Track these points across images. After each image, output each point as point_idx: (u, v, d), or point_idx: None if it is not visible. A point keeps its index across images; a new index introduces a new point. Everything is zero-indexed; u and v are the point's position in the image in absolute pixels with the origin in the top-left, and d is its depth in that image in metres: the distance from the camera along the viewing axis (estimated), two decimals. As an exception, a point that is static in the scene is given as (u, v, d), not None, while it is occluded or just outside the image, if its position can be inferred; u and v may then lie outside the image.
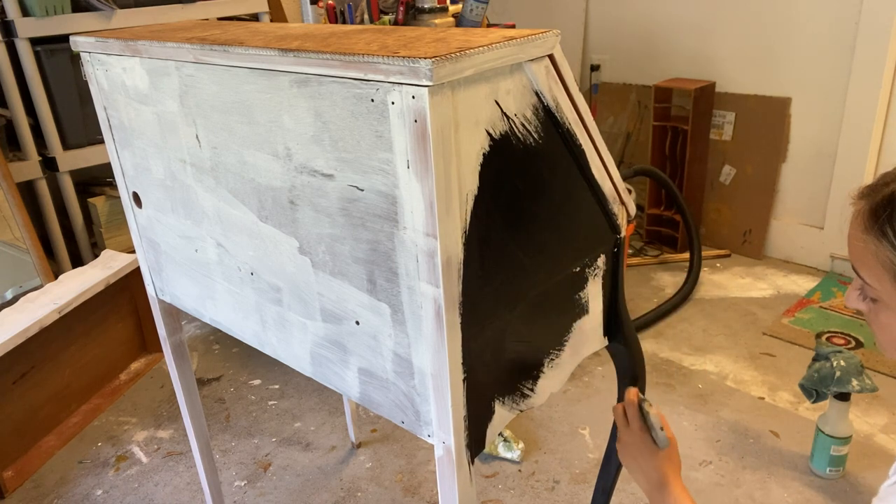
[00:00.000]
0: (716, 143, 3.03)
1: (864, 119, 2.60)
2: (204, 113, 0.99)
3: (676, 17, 3.05)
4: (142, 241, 1.31)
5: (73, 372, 2.15)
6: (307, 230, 0.91)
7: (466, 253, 0.77)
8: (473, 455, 0.87)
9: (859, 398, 2.06)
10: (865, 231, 0.73)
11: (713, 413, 2.03)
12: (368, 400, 0.95)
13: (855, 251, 0.75)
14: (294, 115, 0.84)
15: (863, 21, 2.52)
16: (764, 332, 2.45)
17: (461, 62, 0.68)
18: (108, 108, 1.21)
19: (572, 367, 1.04)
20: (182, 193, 1.12)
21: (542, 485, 1.81)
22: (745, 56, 2.88)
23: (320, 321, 0.96)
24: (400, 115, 0.71)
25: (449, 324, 0.77)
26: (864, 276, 0.75)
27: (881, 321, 0.77)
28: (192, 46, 0.93)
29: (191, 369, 1.47)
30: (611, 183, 0.97)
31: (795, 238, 2.93)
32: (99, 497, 1.86)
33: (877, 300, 0.76)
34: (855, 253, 0.76)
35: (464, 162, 0.74)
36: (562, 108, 0.84)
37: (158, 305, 1.36)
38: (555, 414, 2.06)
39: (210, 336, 2.60)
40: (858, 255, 0.75)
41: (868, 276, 0.75)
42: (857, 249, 0.75)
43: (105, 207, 2.52)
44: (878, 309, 0.76)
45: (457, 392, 0.81)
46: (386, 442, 2.00)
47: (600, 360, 2.27)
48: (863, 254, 0.74)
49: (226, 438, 2.06)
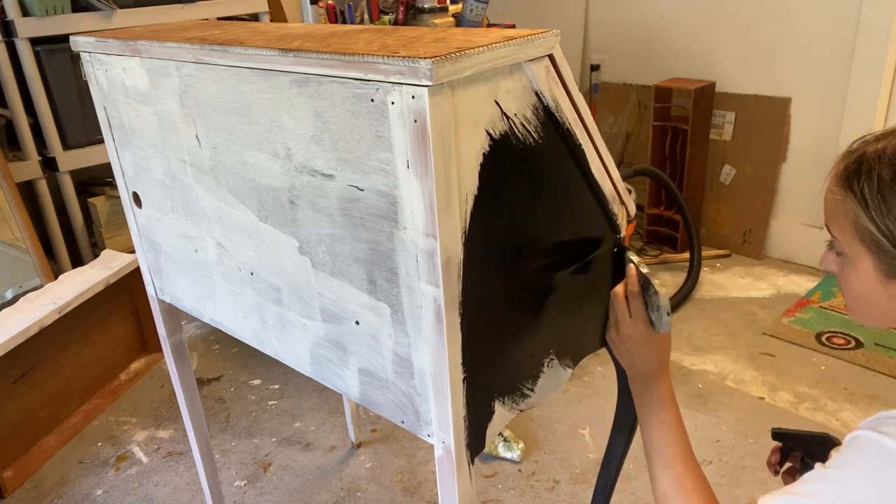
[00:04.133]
0: (716, 143, 3.03)
1: (864, 119, 2.60)
2: (204, 113, 0.99)
3: (676, 17, 3.05)
4: (142, 241, 1.31)
5: (72, 372, 2.15)
6: (307, 230, 0.91)
7: (466, 253, 0.77)
8: (473, 455, 0.87)
9: (860, 398, 2.06)
10: (837, 185, 0.78)
11: (713, 413, 2.03)
12: (368, 400, 0.95)
13: (828, 205, 0.80)
14: (294, 115, 0.84)
15: (863, 21, 2.52)
16: (764, 332, 2.45)
17: (461, 62, 0.68)
18: (108, 108, 1.21)
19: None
20: (182, 193, 1.12)
21: (542, 485, 1.81)
22: (745, 56, 2.88)
23: (320, 321, 0.96)
24: (400, 115, 0.71)
25: (449, 324, 0.77)
26: (832, 230, 0.80)
27: (846, 276, 0.81)
28: (192, 46, 0.93)
29: (191, 369, 1.47)
30: (611, 183, 0.97)
31: (795, 238, 2.93)
32: (99, 497, 1.86)
33: (841, 253, 0.80)
34: (828, 207, 0.80)
35: (464, 162, 0.74)
36: (562, 108, 0.84)
37: (158, 305, 1.36)
38: (555, 414, 2.06)
39: (210, 336, 2.60)
40: (830, 208, 0.80)
41: (835, 228, 0.79)
42: (829, 203, 0.80)
43: (105, 207, 2.52)
44: (843, 263, 0.81)
45: (457, 392, 0.81)
46: (386, 442, 2.00)
47: (600, 360, 2.27)
48: (833, 207, 0.79)
49: (226, 438, 2.06)
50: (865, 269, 0.77)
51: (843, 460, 0.73)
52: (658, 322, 0.95)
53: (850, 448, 0.74)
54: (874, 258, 0.76)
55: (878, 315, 0.81)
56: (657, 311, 0.95)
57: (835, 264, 0.83)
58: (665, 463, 0.91)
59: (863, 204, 0.74)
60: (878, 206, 0.73)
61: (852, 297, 0.82)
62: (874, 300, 0.79)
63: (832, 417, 2.00)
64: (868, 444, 0.72)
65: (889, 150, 0.74)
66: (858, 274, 0.79)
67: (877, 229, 0.74)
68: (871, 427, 0.72)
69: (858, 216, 0.75)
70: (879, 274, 0.76)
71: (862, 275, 0.78)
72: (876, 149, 0.75)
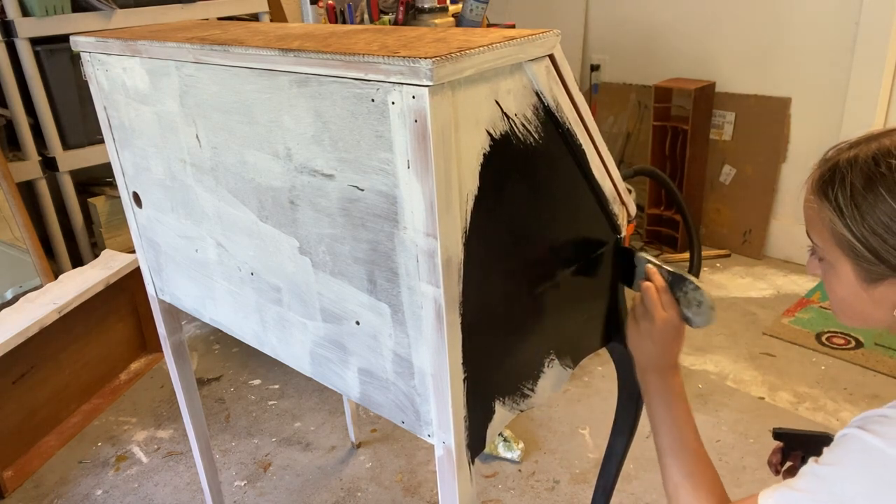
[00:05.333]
0: (716, 143, 3.03)
1: (864, 119, 2.59)
2: (204, 113, 0.99)
3: (676, 17, 3.05)
4: (142, 240, 1.30)
5: (72, 372, 2.15)
6: (307, 230, 0.91)
7: (466, 253, 0.77)
8: (473, 455, 0.87)
9: (860, 398, 2.06)
10: (813, 193, 0.79)
11: (713, 413, 2.03)
12: (368, 400, 0.95)
13: (806, 214, 0.82)
14: (294, 115, 0.84)
15: (863, 21, 2.52)
16: (764, 332, 2.45)
17: (461, 62, 0.68)
18: (108, 108, 1.21)
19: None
20: (182, 193, 1.12)
21: (542, 485, 1.81)
22: (745, 56, 2.88)
23: (320, 321, 0.96)
24: (400, 115, 0.71)
25: (449, 324, 0.77)
26: (812, 237, 0.81)
27: (829, 281, 0.82)
28: (192, 46, 0.93)
29: (191, 369, 1.47)
30: (611, 183, 0.97)
31: (795, 238, 2.93)
32: (99, 497, 1.86)
33: (823, 259, 0.81)
34: (806, 215, 0.82)
35: (464, 162, 0.74)
36: (562, 108, 0.84)
37: (158, 305, 1.36)
38: (555, 414, 2.06)
39: (210, 336, 2.59)
40: (808, 217, 0.81)
41: (815, 236, 0.81)
42: (807, 211, 0.81)
43: (105, 207, 2.52)
44: (825, 269, 0.82)
45: (457, 392, 0.81)
46: (386, 442, 2.00)
47: (600, 360, 2.27)
48: (811, 215, 0.80)
49: (226, 438, 2.05)
50: (846, 275, 0.78)
51: (833, 456, 0.75)
52: (701, 317, 0.95)
53: (839, 445, 0.75)
54: (853, 264, 0.77)
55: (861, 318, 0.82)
56: (699, 305, 0.95)
57: (819, 269, 0.84)
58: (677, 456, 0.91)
59: (838, 212, 0.75)
60: (853, 214, 0.74)
61: (836, 301, 0.83)
62: (856, 304, 0.80)
63: (832, 417, 2.00)
64: (855, 442, 0.73)
65: (861, 158, 0.75)
66: (840, 279, 0.80)
67: (852, 236, 0.75)
68: (860, 425, 0.74)
69: (835, 224, 0.76)
70: (859, 279, 0.78)
71: (843, 280, 0.79)
72: (848, 157, 0.77)
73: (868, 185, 0.73)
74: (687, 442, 0.92)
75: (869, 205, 0.73)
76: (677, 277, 0.96)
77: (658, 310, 0.96)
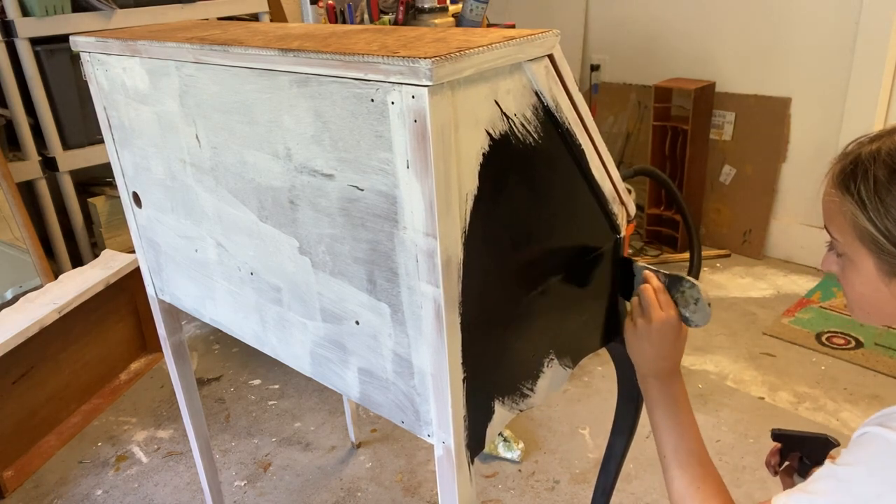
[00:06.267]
0: (716, 143, 3.03)
1: (864, 119, 2.60)
2: (204, 113, 0.99)
3: (676, 17, 3.05)
4: (142, 241, 1.31)
5: (72, 372, 2.15)
6: (307, 230, 0.91)
7: (466, 253, 0.77)
8: (473, 455, 0.87)
9: (860, 398, 2.06)
10: (834, 187, 0.79)
11: (713, 413, 2.03)
12: (368, 400, 0.95)
13: (826, 208, 0.81)
14: (294, 115, 0.84)
15: (863, 21, 2.52)
16: (764, 332, 2.45)
17: (461, 62, 0.68)
18: (108, 108, 1.21)
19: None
20: (182, 193, 1.12)
21: (542, 485, 1.81)
22: (745, 56, 2.88)
23: (320, 321, 0.96)
24: (400, 115, 0.71)
25: (449, 324, 0.77)
26: (832, 232, 0.81)
27: (848, 277, 0.81)
28: (192, 46, 0.93)
29: (191, 369, 1.47)
30: (611, 183, 0.97)
31: (795, 238, 2.93)
32: (99, 497, 1.86)
33: (842, 254, 0.81)
34: (826, 210, 0.81)
35: (464, 162, 0.74)
36: (562, 108, 0.84)
37: (158, 305, 1.36)
38: (555, 414, 2.06)
39: (210, 336, 2.60)
40: (828, 211, 0.81)
41: (835, 230, 0.80)
42: (827, 205, 0.81)
43: (105, 207, 2.52)
44: (844, 264, 0.81)
45: (457, 392, 0.81)
46: (386, 442, 2.00)
47: (600, 360, 2.27)
48: (831, 209, 0.80)
49: (226, 438, 2.06)
50: (867, 270, 0.78)
51: (853, 457, 0.73)
52: (699, 315, 0.94)
53: (858, 445, 0.74)
54: (875, 258, 0.76)
55: (881, 314, 0.81)
56: (696, 303, 0.94)
57: (836, 265, 0.83)
58: (682, 465, 0.90)
59: (860, 205, 0.75)
60: (876, 207, 0.74)
61: (855, 297, 0.82)
62: (877, 300, 0.79)
63: (832, 417, 2.00)
64: (876, 440, 0.72)
65: (884, 151, 0.75)
66: (860, 274, 0.79)
67: (876, 230, 0.74)
68: (879, 423, 0.73)
69: (857, 217, 0.75)
70: (881, 273, 0.77)
71: (864, 275, 0.78)
72: (871, 150, 0.76)
73: (892, 178, 0.73)
74: (693, 452, 0.91)
75: (893, 197, 0.72)
76: (674, 278, 0.96)
77: (656, 310, 0.95)
